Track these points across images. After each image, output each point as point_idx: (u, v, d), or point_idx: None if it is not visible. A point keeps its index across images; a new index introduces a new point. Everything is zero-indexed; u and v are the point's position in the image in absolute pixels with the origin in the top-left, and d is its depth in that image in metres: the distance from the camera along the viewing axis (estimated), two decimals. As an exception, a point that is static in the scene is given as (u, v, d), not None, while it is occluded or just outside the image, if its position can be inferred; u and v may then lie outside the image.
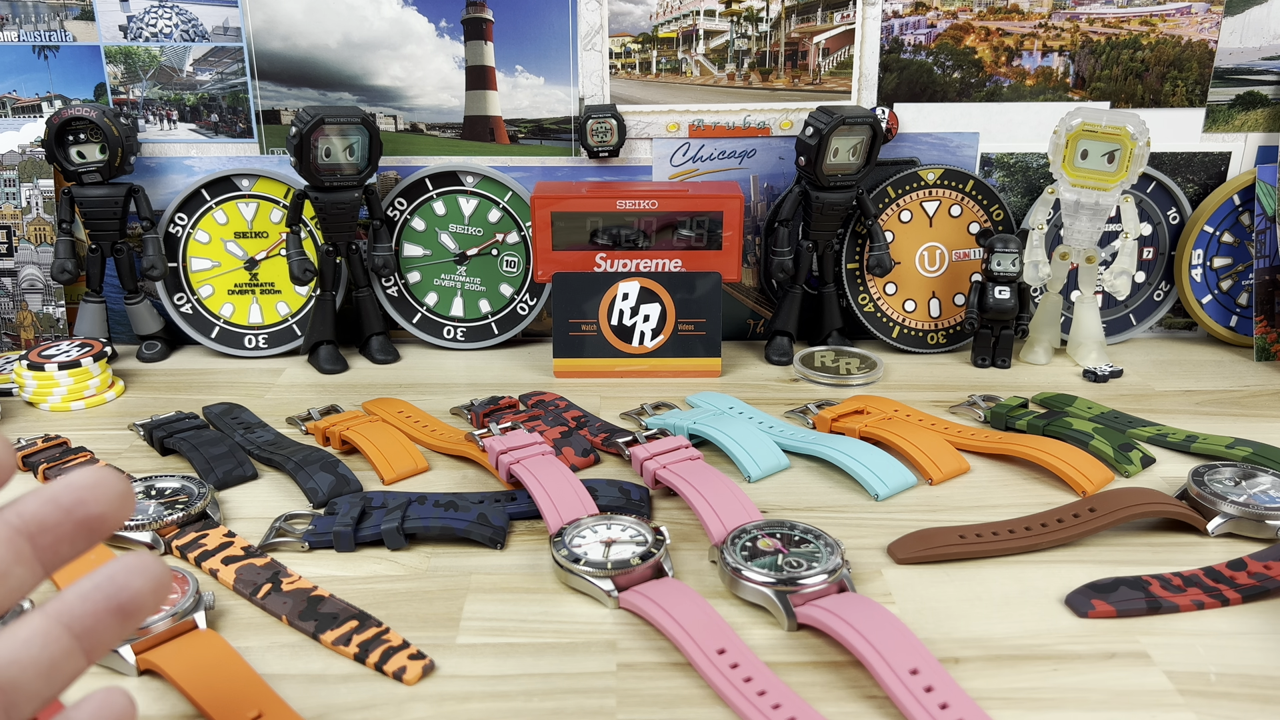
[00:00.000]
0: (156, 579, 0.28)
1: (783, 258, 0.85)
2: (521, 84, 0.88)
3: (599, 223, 0.82)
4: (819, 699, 0.44)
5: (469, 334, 0.91)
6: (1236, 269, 0.91)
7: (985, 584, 0.53)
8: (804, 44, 0.87)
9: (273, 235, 0.89)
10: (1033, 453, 0.65)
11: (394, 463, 0.66)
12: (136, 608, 0.28)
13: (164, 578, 0.28)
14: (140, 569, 0.28)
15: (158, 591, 0.28)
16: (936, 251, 0.90)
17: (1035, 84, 0.89)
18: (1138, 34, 0.87)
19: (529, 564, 0.55)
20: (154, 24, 0.86)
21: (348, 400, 0.78)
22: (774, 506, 0.61)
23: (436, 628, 0.49)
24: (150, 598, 0.28)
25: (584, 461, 0.67)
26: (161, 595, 0.28)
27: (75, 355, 0.77)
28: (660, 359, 0.83)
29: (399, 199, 0.89)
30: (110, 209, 0.84)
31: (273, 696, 0.43)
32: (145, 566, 0.28)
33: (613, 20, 0.86)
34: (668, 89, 0.88)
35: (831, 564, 0.51)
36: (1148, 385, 0.82)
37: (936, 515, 0.60)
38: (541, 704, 0.44)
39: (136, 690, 0.45)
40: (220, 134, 0.89)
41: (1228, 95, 0.89)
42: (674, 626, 0.47)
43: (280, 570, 0.53)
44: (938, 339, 0.90)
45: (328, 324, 0.86)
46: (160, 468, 0.67)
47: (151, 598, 0.28)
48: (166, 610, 0.47)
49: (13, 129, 0.88)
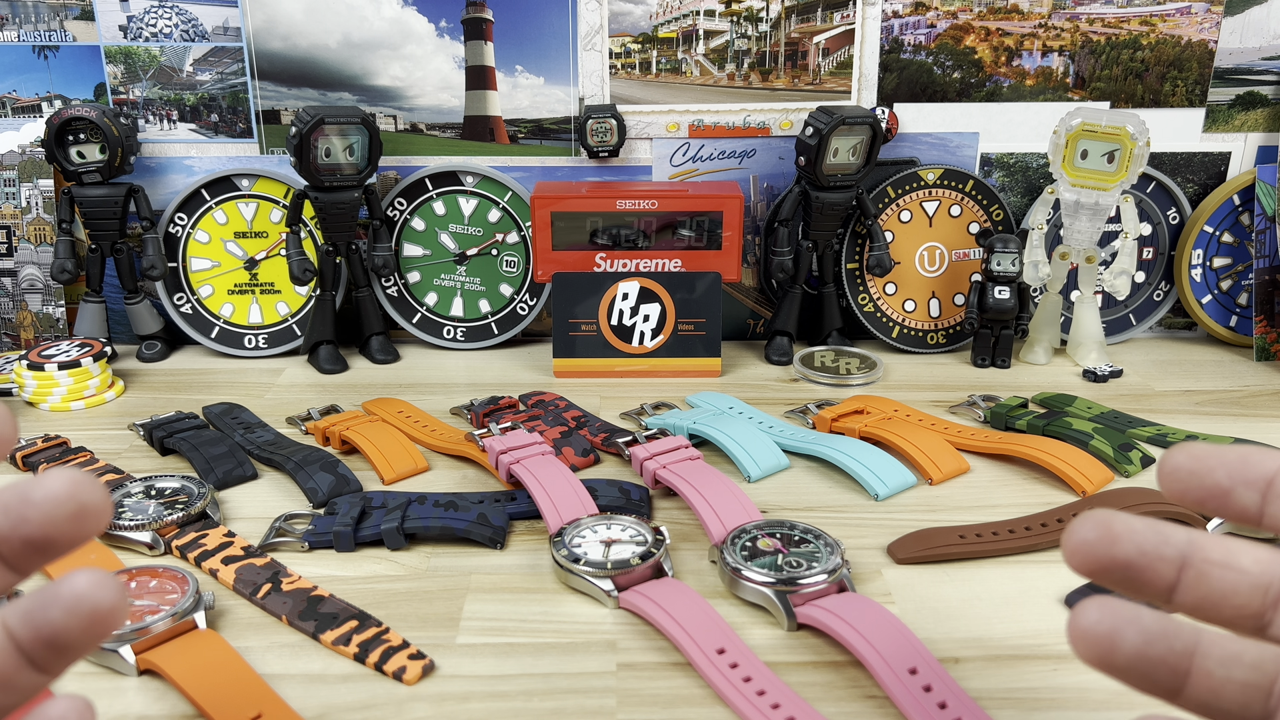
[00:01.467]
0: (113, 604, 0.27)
1: (783, 258, 0.85)
2: (521, 84, 0.88)
3: (599, 223, 0.82)
4: (819, 699, 0.44)
5: (469, 334, 0.91)
6: (1236, 269, 0.91)
7: (985, 584, 0.53)
8: (804, 44, 0.87)
9: (273, 235, 0.89)
10: (1033, 453, 0.65)
11: (394, 463, 0.66)
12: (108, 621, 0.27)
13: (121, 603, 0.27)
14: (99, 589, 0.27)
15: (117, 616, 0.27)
16: (936, 251, 0.90)
17: (1035, 84, 0.89)
18: (1138, 34, 0.87)
19: (529, 564, 0.55)
20: (154, 24, 0.86)
21: (348, 400, 0.78)
22: (774, 506, 0.61)
23: (436, 628, 0.49)
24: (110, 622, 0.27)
25: (584, 461, 0.67)
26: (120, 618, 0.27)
27: (75, 355, 0.77)
28: (660, 359, 0.83)
29: (399, 199, 0.89)
30: (110, 209, 0.84)
31: (273, 696, 0.43)
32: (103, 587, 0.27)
33: (613, 20, 0.86)
34: (668, 89, 0.88)
35: (831, 564, 0.51)
36: (1148, 385, 0.82)
37: (936, 515, 0.60)
38: (541, 704, 0.44)
39: (136, 690, 0.45)
40: (220, 134, 0.89)
41: (1228, 95, 0.89)
42: (674, 626, 0.47)
43: (280, 570, 0.53)
44: (938, 339, 0.90)
45: (328, 324, 0.86)
46: (160, 468, 0.67)
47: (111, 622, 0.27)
48: (166, 610, 0.47)
49: (13, 129, 0.88)
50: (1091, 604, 0.27)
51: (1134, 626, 0.26)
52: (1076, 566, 0.27)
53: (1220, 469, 0.27)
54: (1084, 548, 0.27)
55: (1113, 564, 0.27)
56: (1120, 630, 0.26)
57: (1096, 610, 0.27)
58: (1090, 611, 0.27)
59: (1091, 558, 0.27)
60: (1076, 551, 0.27)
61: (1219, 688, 0.27)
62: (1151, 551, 0.27)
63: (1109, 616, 0.26)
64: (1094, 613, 0.27)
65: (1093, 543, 0.27)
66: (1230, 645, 0.27)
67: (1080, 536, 0.27)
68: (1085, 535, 0.27)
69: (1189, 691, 0.27)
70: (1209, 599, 0.27)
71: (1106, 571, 0.27)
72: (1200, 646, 0.27)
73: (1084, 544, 0.27)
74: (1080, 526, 0.27)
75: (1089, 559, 0.27)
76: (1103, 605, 0.27)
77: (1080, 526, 0.27)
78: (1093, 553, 0.27)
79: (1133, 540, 0.27)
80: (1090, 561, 0.27)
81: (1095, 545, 0.27)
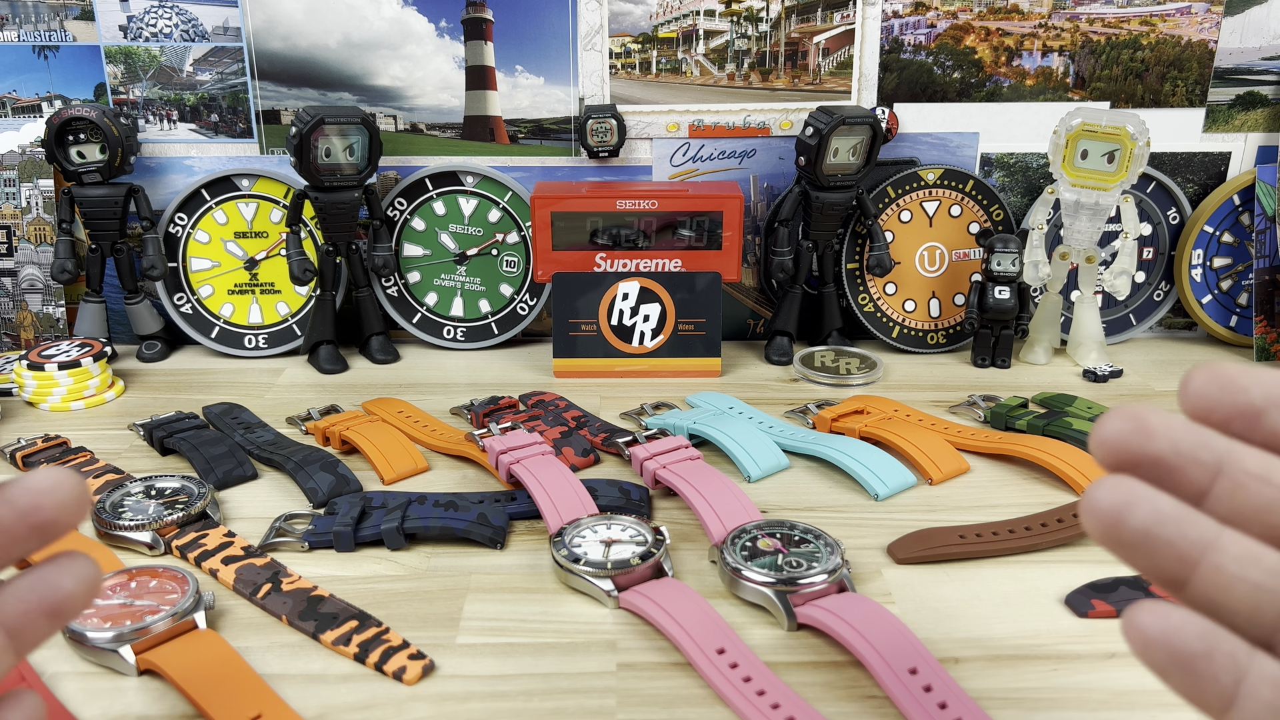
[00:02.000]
0: (87, 580, 0.29)
1: (783, 258, 0.85)
2: (521, 84, 0.88)
3: (599, 223, 0.82)
4: (819, 699, 0.44)
5: (469, 334, 0.91)
6: (1236, 269, 0.91)
7: (985, 584, 0.53)
8: (804, 44, 0.87)
9: (273, 235, 0.89)
10: (1033, 453, 0.65)
11: (394, 463, 0.66)
12: (67, 608, 0.29)
13: (94, 578, 0.29)
14: (72, 570, 0.29)
15: (88, 592, 0.29)
16: (936, 251, 0.90)
17: (1035, 84, 0.89)
18: (1138, 34, 0.87)
19: (529, 564, 0.55)
20: (154, 24, 0.86)
21: (348, 400, 0.78)
22: (774, 506, 0.61)
23: (436, 628, 0.49)
24: (81, 599, 0.29)
25: (584, 461, 0.67)
26: (92, 595, 0.29)
27: (75, 355, 0.77)
28: (660, 359, 0.83)
29: (399, 199, 0.89)
30: (110, 209, 0.84)
31: (273, 696, 0.43)
32: (76, 568, 0.29)
33: (613, 20, 0.86)
34: (668, 89, 0.88)
35: (831, 564, 0.51)
36: (1148, 385, 0.82)
37: (936, 515, 0.60)
38: (541, 704, 0.44)
39: (136, 690, 0.45)
40: (220, 134, 0.89)
41: (1228, 95, 0.89)
42: (674, 626, 0.47)
43: (280, 570, 0.53)
44: (938, 339, 0.90)
45: (328, 324, 0.86)
46: (160, 468, 0.67)
47: (82, 598, 0.29)
48: (167, 610, 0.47)
49: (13, 129, 0.88)
50: (1106, 481, 0.25)
51: (1147, 504, 0.25)
52: (1104, 459, 0.26)
53: (1255, 388, 0.26)
54: (1115, 439, 0.25)
55: (1144, 458, 0.25)
56: (1132, 505, 0.25)
57: (1110, 486, 0.25)
58: (1108, 485, 0.25)
59: (1123, 450, 0.25)
60: (1105, 443, 0.25)
61: (1229, 585, 0.25)
62: (1187, 452, 0.25)
63: (1122, 491, 0.25)
64: (1107, 488, 0.25)
65: (1126, 434, 0.25)
66: (1251, 546, 0.25)
67: (1112, 428, 0.25)
68: (1118, 427, 0.25)
69: (1196, 583, 0.25)
70: (1241, 512, 0.25)
71: (1136, 466, 0.25)
72: (1218, 542, 0.25)
73: (1116, 435, 0.25)
74: (1112, 419, 0.25)
75: (1119, 451, 0.25)
76: (1117, 482, 0.25)
77: (1112, 419, 0.25)
78: (1125, 445, 0.25)
79: (1169, 436, 0.25)
80: (1121, 455, 0.25)
81: (1129, 438, 0.25)
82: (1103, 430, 0.26)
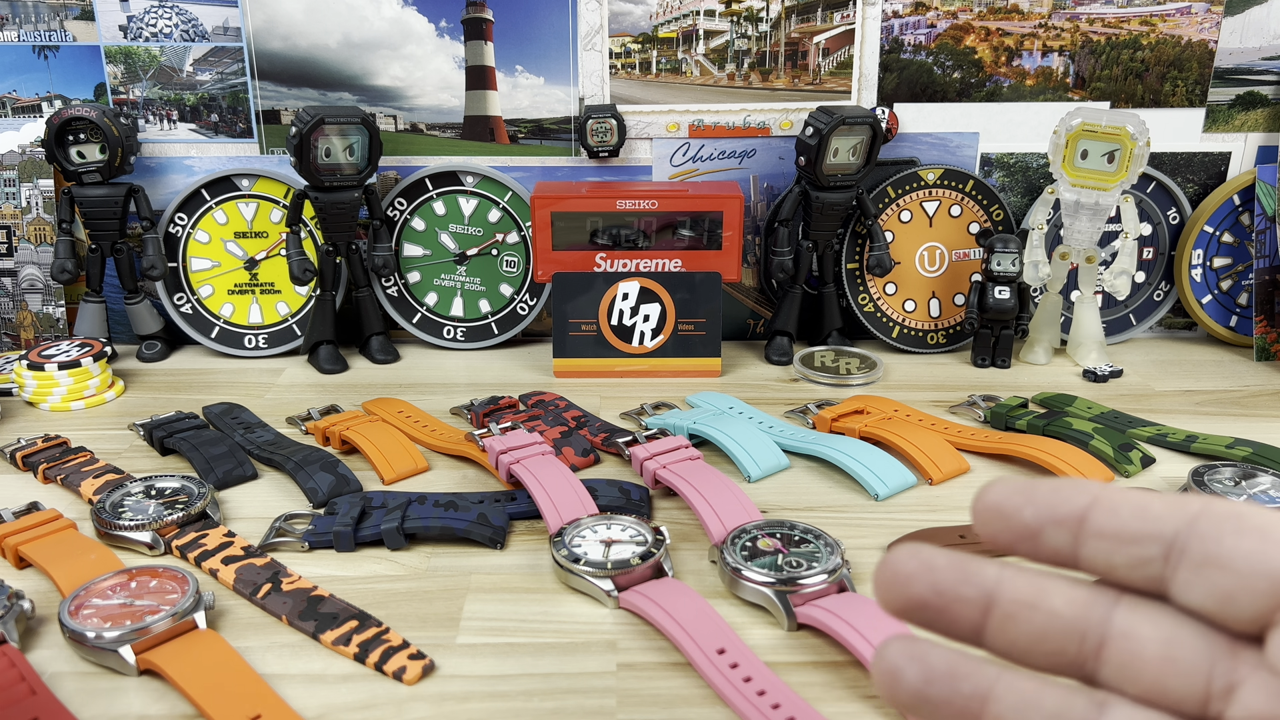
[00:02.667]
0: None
1: (783, 258, 0.85)
2: (521, 84, 0.88)
3: (599, 223, 0.82)
4: (819, 699, 0.44)
5: (469, 334, 0.91)
6: (1236, 269, 0.91)
7: (985, 584, 0.53)
8: (804, 44, 0.87)
9: (273, 235, 0.89)
10: (1033, 453, 0.65)
11: (394, 463, 0.66)
12: None
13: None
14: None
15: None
16: (936, 251, 0.90)
17: (1035, 84, 0.89)
18: (1138, 34, 0.87)
19: (529, 564, 0.55)
20: (154, 24, 0.86)
21: (348, 400, 0.78)
22: (774, 506, 0.61)
23: (436, 628, 0.49)
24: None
25: (584, 461, 0.67)
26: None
27: (75, 355, 0.77)
28: (660, 359, 0.83)
29: (399, 199, 0.89)
30: (110, 209, 0.84)
31: (273, 696, 0.43)
32: None
33: (613, 20, 0.86)
34: (668, 89, 0.88)
35: (831, 564, 0.51)
36: (1148, 385, 0.82)
37: (936, 515, 0.60)
38: (541, 704, 0.44)
39: (136, 690, 0.45)
40: (220, 134, 0.89)
41: (1228, 95, 0.89)
42: (674, 626, 0.47)
43: (280, 570, 0.53)
44: (938, 339, 0.90)
45: (328, 324, 0.86)
46: (160, 468, 0.67)
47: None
48: (166, 610, 0.47)
49: (13, 129, 0.88)
50: (886, 641, 0.25)
51: (915, 665, 0.24)
52: (884, 608, 0.25)
53: (1028, 507, 0.25)
54: (883, 587, 0.25)
55: (909, 605, 0.25)
56: (901, 668, 0.24)
57: (886, 647, 0.25)
58: (887, 645, 0.25)
59: (891, 600, 0.25)
60: (877, 591, 0.25)
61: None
62: (949, 591, 0.25)
63: (894, 653, 0.25)
64: (884, 650, 0.25)
65: (887, 582, 0.25)
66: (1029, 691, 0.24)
67: (880, 575, 0.25)
68: (882, 575, 0.25)
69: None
70: (1017, 644, 0.24)
71: (907, 614, 0.25)
72: (994, 691, 0.24)
73: (882, 583, 0.25)
74: (882, 565, 0.25)
75: (889, 602, 0.25)
76: (893, 642, 0.25)
77: (882, 565, 0.25)
78: (890, 594, 0.25)
79: (928, 579, 0.25)
80: (891, 604, 0.25)
81: (890, 584, 0.25)
82: (876, 577, 0.25)
